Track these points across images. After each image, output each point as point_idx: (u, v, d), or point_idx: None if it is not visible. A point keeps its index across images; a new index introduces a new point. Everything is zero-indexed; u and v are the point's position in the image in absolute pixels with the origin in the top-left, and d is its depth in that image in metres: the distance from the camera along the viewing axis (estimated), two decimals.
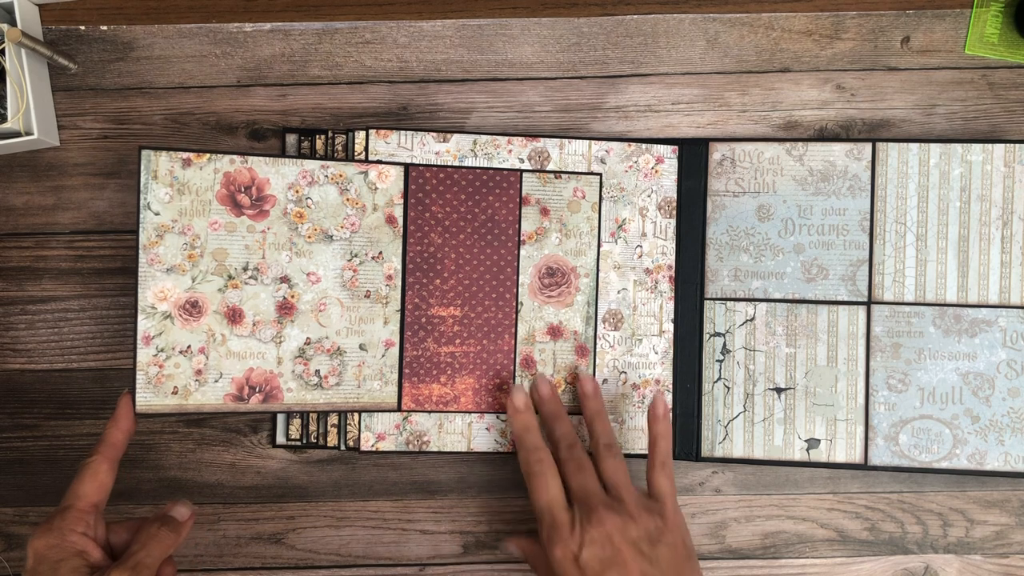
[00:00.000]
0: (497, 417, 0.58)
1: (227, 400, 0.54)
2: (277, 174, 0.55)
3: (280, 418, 0.58)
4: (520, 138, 0.57)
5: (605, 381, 0.58)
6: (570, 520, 0.49)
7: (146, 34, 0.59)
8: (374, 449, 0.57)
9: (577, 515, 0.49)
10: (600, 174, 0.58)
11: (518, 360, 0.57)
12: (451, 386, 0.57)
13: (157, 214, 0.53)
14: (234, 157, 0.54)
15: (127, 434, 0.52)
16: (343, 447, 0.57)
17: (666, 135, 0.59)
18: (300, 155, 0.57)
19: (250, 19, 0.59)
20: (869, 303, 0.58)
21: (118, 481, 0.52)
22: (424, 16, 0.59)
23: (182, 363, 0.53)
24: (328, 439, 0.57)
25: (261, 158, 0.54)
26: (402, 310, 0.56)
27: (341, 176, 0.55)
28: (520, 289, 0.57)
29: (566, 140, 0.58)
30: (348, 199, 0.55)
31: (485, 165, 0.57)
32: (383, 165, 0.56)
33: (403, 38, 0.59)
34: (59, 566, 0.46)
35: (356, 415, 0.57)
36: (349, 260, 0.56)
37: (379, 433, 0.57)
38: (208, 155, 0.54)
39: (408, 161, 0.57)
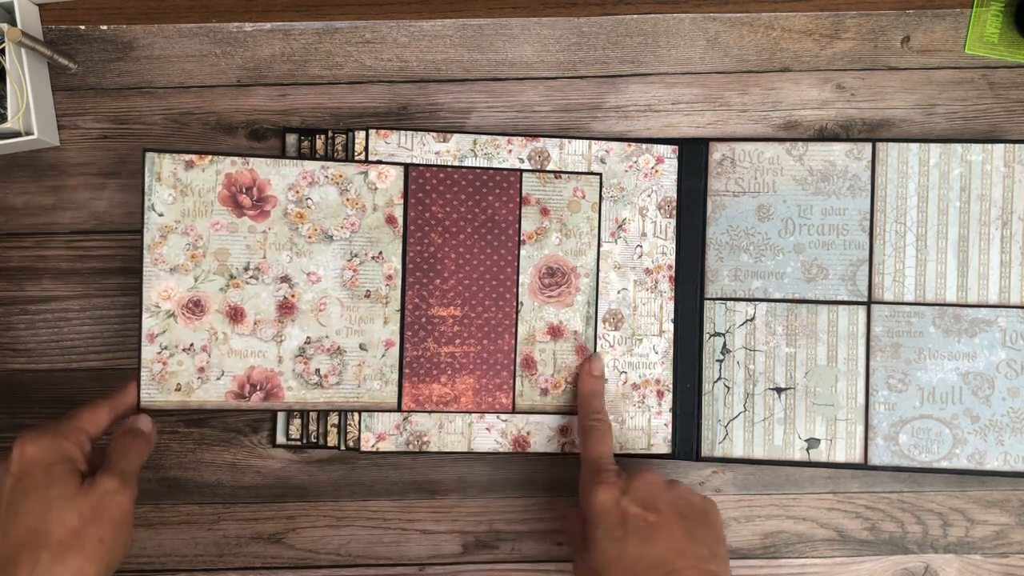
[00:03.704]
0: (498, 417, 0.58)
1: (228, 398, 0.55)
2: (278, 175, 0.55)
3: (280, 418, 0.58)
4: (520, 138, 0.57)
5: (605, 381, 0.58)
6: (617, 471, 0.52)
7: (146, 34, 0.59)
8: (374, 450, 0.57)
9: (624, 470, 0.52)
10: (600, 174, 0.58)
11: (518, 360, 0.57)
12: (451, 386, 0.57)
13: (161, 215, 0.54)
14: (235, 159, 0.54)
15: (127, 407, 0.53)
16: (343, 447, 0.57)
17: (666, 135, 0.59)
18: (300, 156, 0.57)
19: (250, 19, 0.59)
20: (869, 303, 0.58)
21: None
22: (424, 16, 0.59)
23: (185, 360, 0.54)
24: (328, 439, 0.57)
25: (262, 159, 0.55)
26: (402, 310, 0.56)
27: (341, 176, 0.55)
28: (520, 289, 0.57)
29: (566, 140, 0.58)
30: (348, 199, 0.56)
31: (485, 165, 0.57)
32: (383, 165, 0.56)
33: (403, 38, 0.59)
34: (54, 469, 0.46)
35: (356, 415, 0.57)
36: (349, 260, 0.56)
37: (379, 433, 0.57)
38: (210, 157, 0.54)
39: (408, 161, 0.57)
